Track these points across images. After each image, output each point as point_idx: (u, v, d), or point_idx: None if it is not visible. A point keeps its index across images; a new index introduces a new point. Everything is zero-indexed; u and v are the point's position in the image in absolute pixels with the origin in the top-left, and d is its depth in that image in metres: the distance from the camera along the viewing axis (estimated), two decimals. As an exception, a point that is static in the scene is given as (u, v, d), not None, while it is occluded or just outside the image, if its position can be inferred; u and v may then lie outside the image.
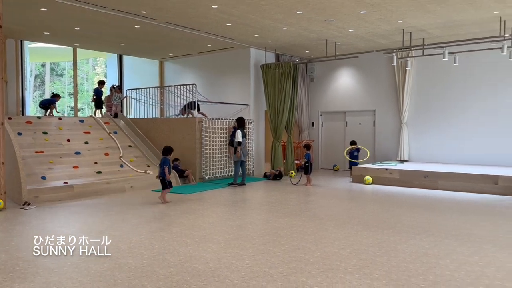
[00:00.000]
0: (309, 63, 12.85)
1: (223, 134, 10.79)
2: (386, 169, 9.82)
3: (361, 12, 7.73)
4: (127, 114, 12.14)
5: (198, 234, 5.33)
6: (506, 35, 8.32)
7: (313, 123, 13.47)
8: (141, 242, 4.97)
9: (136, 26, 8.98)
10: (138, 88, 12.13)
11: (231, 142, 10.23)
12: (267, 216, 6.53)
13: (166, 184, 7.44)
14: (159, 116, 12.10)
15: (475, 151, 10.40)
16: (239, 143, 9.41)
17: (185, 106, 10.96)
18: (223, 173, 10.80)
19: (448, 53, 9.40)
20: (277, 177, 10.67)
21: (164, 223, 6.06)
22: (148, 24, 8.73)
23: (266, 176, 10.92)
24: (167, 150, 7.63)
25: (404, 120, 11.45)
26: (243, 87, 11.77)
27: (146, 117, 11.74)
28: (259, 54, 11.69)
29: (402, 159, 11.38)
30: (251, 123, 11.47)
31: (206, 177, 10.29)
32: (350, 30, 9.20)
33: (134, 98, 12.12)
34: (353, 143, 11.28)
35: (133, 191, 8.87)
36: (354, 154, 11.21)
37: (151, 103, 11.94)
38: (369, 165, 10.58)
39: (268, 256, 4.44)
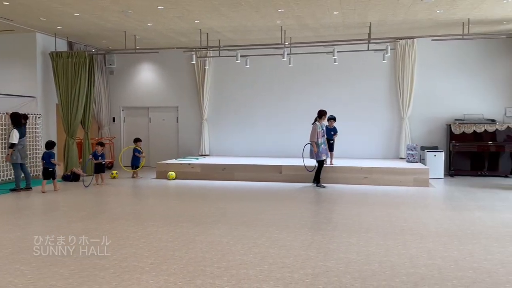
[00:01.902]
0: (108, 54, 12.13)
1: (1, 131, 9.22)
2: (189, 164, 10.10)
3: (159, 7, 7.69)
4: None
5: (-37, 253, 4.38)
6: (286, 43, 9.58)
7: (114, 118, 12.81)
8: None
9: None
10: None
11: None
12: (58, 223, 5.86)
13: None
14: None
15: (265, 145, 11.68)
16: (12, 145, 8.18)
17: None
18: (4, 177, 9.24)
19: (241, 56, 10.27)
20: (74, 178, 9.69)
21: None
22: None
23: (66, 177, 9.78)
24: None
25: (204, 116, 11.98)
26: (29, 76, 10.27)
27: None
28: (47, 40, 10.40)
29: (203, 154, 11.91)
30: (38, 118, 10.12)
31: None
32: (149, 24, 9.06)
33: None
34: (137, 140, 10.74)
35: None
36: (135, 154, 10.63)
37: None
38: (173, 161, 10.70)
39: (56, 268, 3.97)
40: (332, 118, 9.41)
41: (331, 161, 9.47)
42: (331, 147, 9.46)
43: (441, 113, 10.67)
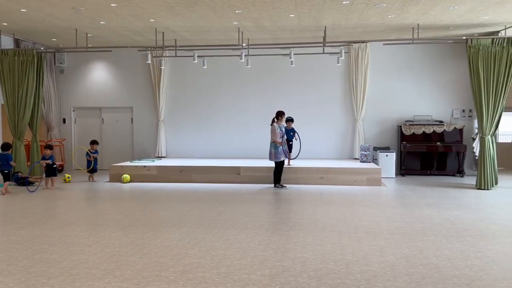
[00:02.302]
0: (58, 52, 11.63)
1: None
2: (144, 166, 9.86)
3: (112, 4, 7.46)
4: None
5: None
6: (244, 45, 9.59)
7: (64, 119, 12.29)
8: None
9: None
10: None
11: None
12: (1, 229, 5.53)
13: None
14: None
15: (223, 146, 11.63)
16: None
17: None
18: None
19: (198, 56, 10.17)
20: (22, 182, 9.17)
21: None
22: None
23: (18, 180, 9.20)
24: None
25: (161, 117, 11.75)
26: (-30, 75, 9.64)
27: None
28: (-9, 37, 9.81)
29: (160, 156, 11.67)
30: (-18, 119, 9.53)
31: None
32: (102, 22, 8.77)
33: None
34: (93, 142, 10.30)
35: None
36: (91, 156, 10.26)
37: None
38: (127, 163, 10.41)
39: (0, 277, 3.74)
40: (290, 120, 9.51)
41: (288, 162, 9.57)
42: (289, 148, 9.56)
43: (392, 114, 11.07)
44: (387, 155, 10.25)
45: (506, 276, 3.79)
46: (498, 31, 9.37)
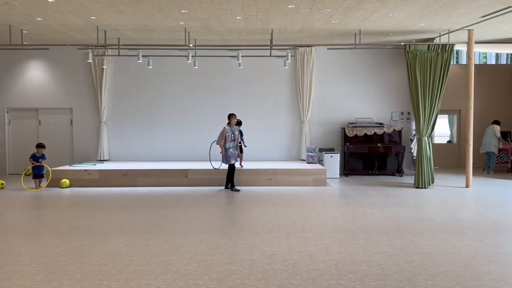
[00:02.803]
0: (-11, 50, 10.81)
1: None
2: (85, 170, 9.41)
3: (49, 0, 7.04)
4: None
5: None
6: (191, 45, 9.45)
7: (-4, 121, 11.44)
8: None
9: None
10: None
11: None
12: None
13: None
14: None
15: (170, 148, 11.37)
16: None
17: None
18: None
19: (143, 56, 9.88)
20: None
21: None
22: None
23: None
24: None
25: (103, 119, 11.28)
26: None
27: None
28: None
29: (102, 159, 11.20)
30: None
31: None
32: (39, 19, 8.26)
33: None
34: (40, 146, 9.58)
35: None
36: (38, 160, 9.65)
37: None
38: (67, 167, 9.88)
39: None
40: (239, 123, 9.46)
41: (240, 163, 9.53)
42: (240, 150, 9.53)
43: (336, 117, 11.40)
44: (331, 156, 10.53)
45: (442, 270, 4.01)
46: (434, 38, 9.95)
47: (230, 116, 8.90)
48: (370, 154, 11.06)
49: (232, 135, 8.80)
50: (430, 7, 7.23)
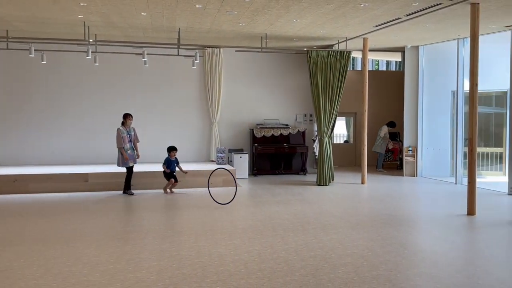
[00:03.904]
0: None
1: None
2: (-34, 177, 8.32)
3: None
4: None
5: None
6: (91, 40, 8.87)
7: None
8: None
9: None
10: None
11: None
12: None
13: None
14: None
15: (68, 151, 10.55)
16: None
17: None
18: None
19: (36, 50, 9.03)
20: None
21: None
22: None
23: None
24: None
25: (-12, 119, 10.08)
26: None
27: None
28: None
29: (-12, 163, 10.00)
30: None
31: None
32: None
33: None
34: None
35: None
36: None
37: None
38: None
39: None
40: (174, 149, 8.86)
41: (171, 188, 8.98)
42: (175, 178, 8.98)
43: (245, 118, 11.60)
44: (241, 157, 10.68)
45: (343, 263, 4.27)
46: (333, 45, 10.63)
47: (126, 116, 8.49)
48: (277, 154, 11.43)
49: (128, 136, 8.41)
50: (330, 15, 7.70)
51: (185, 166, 9.91)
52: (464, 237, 5.40)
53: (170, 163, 8.64)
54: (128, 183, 8.42)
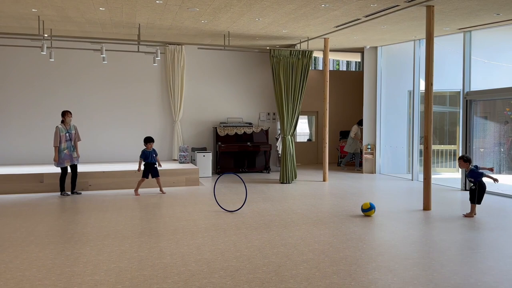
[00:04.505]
0: None
1: None
2: None
3: None
4: None
5: None
6: (46, 35, 8.51)
7: None
8: None
9: None
10: None
11: None
12: None
13: None
14: None
15: (21, 150, 10.08)
16: None
17: None
18: None
19: (-15, 44, 8.57)
20: None
21: None
22: None
23: None
24: None
25: None
26: None
27: None
28: None
29: None
30: None
31: None
32: None
33: None
34: None
35: None
36: None
37: None
38: None
39: None
40: (150, 140, 8.51)
41: (160, 189, 8.53)
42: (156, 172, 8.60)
43: (209, 116, 11.51)
44: (204, 155, 10.59)
45: (305, 259, 4.33)
46: (295, 44, 10.74)
47: (64, 113, 8.11)
48: (240, 153, 11.43)
49: (68, 135, 8.05)
50: (292, 15, 7.77)
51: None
52: (420, 231, 5.61)
53: (148, 155, 8.26)
54: (62, 184, 8.05)
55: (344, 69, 20.18)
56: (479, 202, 6.23)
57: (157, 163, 8.35)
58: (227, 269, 3.98)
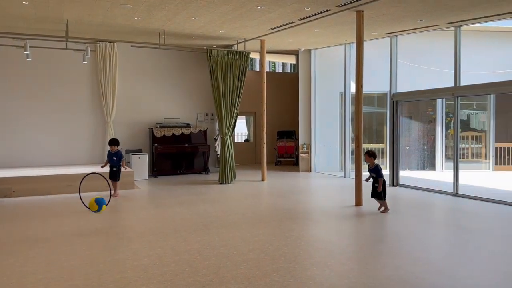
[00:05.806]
0: None
1: None
2: None
3: None
4: None
5: None
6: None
7: None
8: None
9: None
10: None
11: None
12: None
13: None
14: None
15: None
16: None
17: None
18: None
19: None
20: None
21: None
22: None
23: None
24: None
25: None
26: None
27: None
28: None
29: None
30: None
31: None
32: None
33: None
34: None
35: None
36: None
37: None
38: None
39: None
40: (116, 143, 8.12)
41: (115, 192, 8.09)
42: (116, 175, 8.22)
43: (144, 117, 11.16)
44: (139, 157, 10.26)
45: (245, 259, 4.34)
46: (232, 45, 10.75)
47: None
48: (178, 154, 11.22)
49: None
50: (229, 15, 7.77)
51: (75, 169, 9.22)
52: (353, 226, 5.86)
53: (110, 158, 8.06)
54: None
55: (280, 70, 20.58)
56: (385, 197, 6.60)
57: (122, 166, 8.27)
58: (165, 274, 3.88)
